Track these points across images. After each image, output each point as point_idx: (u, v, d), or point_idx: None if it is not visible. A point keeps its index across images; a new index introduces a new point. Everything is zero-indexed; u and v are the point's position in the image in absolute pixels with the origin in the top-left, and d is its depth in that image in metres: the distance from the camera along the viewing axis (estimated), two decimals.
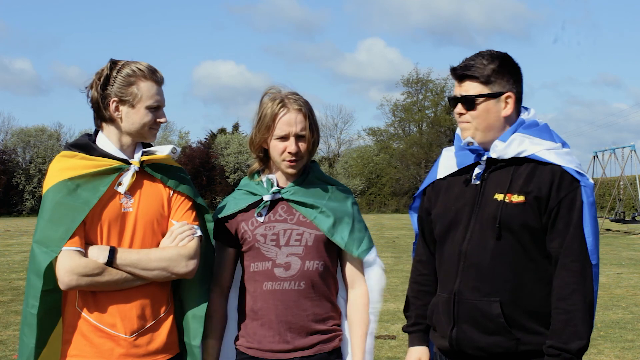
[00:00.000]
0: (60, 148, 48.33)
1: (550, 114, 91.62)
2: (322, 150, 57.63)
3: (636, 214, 25.77)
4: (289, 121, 2.59)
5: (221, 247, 2.70)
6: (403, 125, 54.85)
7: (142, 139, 2.55)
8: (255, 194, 2.68)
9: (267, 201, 2.63)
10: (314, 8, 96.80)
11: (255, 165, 2.75)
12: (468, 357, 2.43)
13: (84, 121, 79.81)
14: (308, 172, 2.72)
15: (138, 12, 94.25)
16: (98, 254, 2.36)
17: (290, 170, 2.63)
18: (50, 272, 2.33)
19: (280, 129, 2.58)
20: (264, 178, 2.70)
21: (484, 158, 2.44)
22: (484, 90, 2.39)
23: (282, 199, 2.66)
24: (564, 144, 2.46)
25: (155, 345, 2.48)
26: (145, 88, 2.47)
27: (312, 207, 2.63)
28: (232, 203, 2.71)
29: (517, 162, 2.40)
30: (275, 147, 2.61)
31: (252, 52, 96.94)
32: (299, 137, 2.60)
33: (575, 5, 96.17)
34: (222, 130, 56.16)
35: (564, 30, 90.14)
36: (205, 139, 55.40)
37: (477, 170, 2.45)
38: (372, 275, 2.69)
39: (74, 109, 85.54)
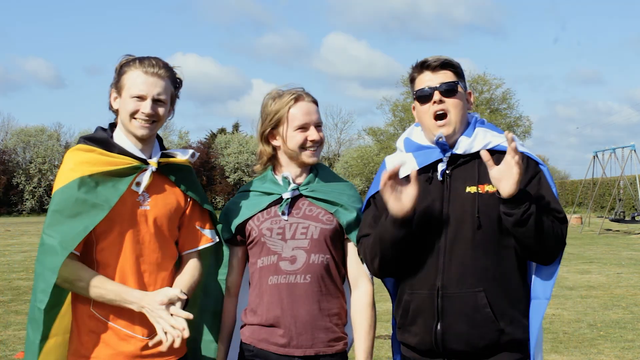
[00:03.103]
0: (60, 148, 48.60)
1: (540, 114, 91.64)
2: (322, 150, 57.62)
3: (636, 214, 25.73)
4: (308, 111, 2.65)
5: (232, 248, 2.74)
6: (403, 125, 54.87)
7: (132, 134, 2.49)
8: (271, 193, 2.69)
9: (288, 199, 2.64)
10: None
11: (259, 167, 2.78)
12: (450, 353, 2.44)
13: (84, 121, 79.78)
14: (317, 168, 2.74)
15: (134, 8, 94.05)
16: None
17: (313, 160, 2.67)
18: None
19: (299, 119, 2.63)
20: (278, 176, 2.71)
21: (448, 155, 2.49)
22: (459, 80, 2.52)
23: (300, 196, 2.67)
24: None
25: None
26: (131, 76, 2.45)
27: (332, 203, 2.65)
28: (249, 206, 2.71)
29: (479, 155, 2.46)
30: (294, 138, 2.63)
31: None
32: (317, 126, 2.67)
33: (570, 2, 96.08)
34: (222, 130, 56.14)
35: (564, 30, 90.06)
36: (205, 139, 55.42)
37: (440, 167, 2.49)
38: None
39: (72, 108, 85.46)
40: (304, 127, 2.64)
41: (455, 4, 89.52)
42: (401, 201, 2.34)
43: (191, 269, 2.59)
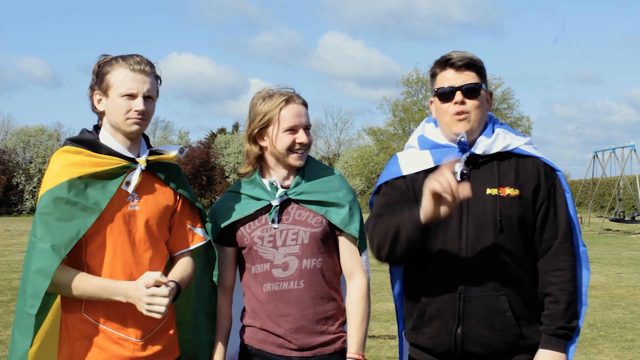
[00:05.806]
0: (60, 148, 48.17)
1: (538, 114, 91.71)
2: (322, 150, 57.69)
3: (636, 214, 25.78)
4: (298, 113, 2.63)
5: (221, 248, 2.71)
6: (403, 125, 54.86)
7: (124, 132, 2.45)
8: (260, 199, 2.66)
9: (276, 206, 2.63)
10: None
11: (249, 168, 2.72)
12: (467, 356, 2.43)
13: (84, 121, 79.72)
14: (304, 166, 2.71)
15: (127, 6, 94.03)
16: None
17: (299, 163, 2.64)
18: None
19: (289, 121, 2.61)
20: (266, 181, 2.68)
21: (466, 154, 2.44)
22: (482, 81, 2.47)
23: (289, 200, 2.65)
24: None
25: (161, 348, 2.47)
26: (117, 75, 2.40)
27: (322, 203, 2.63)
28: (237, 209, 2.68)
29: (498, 157, 2.44)
30: (283, 140, 2.61)
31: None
32: (306, 129, 2.65)
33: (567, 1, 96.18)
34: (222, 130, 56.12)
35: (563, 30, 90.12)
36: (205, 139, 55.40)
37: (458, 168, 2.43)
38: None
39: (71, 108, 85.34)
40: (293, 130, 2.62)
41: (452, 3, 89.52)
42: (438, 209, 2.21)
43: (184, 264, 2.55)
